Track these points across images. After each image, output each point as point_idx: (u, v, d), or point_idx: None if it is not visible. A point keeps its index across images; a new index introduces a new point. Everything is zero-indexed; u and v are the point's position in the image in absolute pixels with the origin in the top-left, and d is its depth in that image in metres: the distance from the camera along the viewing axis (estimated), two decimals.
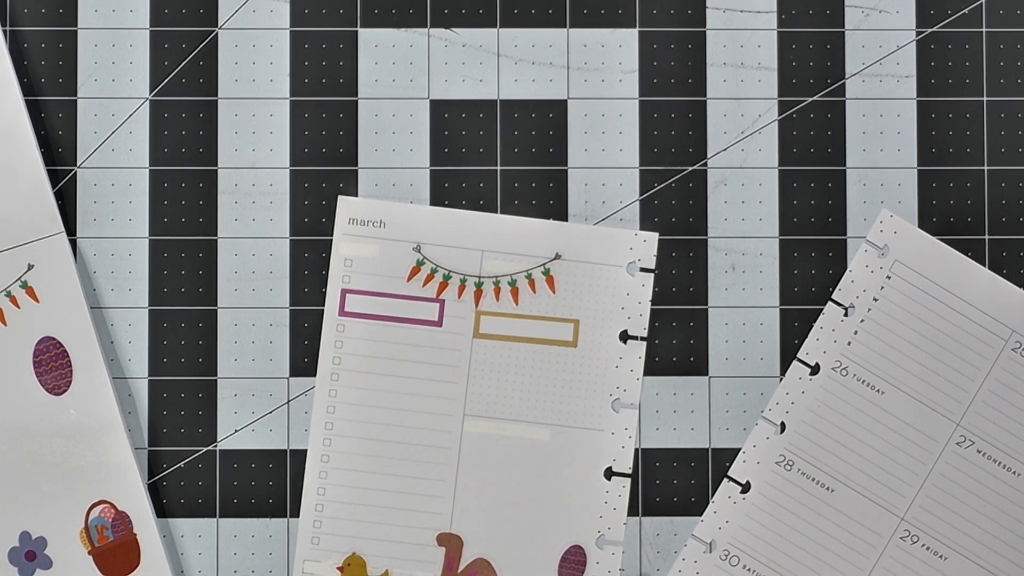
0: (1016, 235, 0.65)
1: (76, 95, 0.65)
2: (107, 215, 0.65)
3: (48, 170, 0.64)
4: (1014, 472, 0.63)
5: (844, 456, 0.63)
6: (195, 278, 0.65)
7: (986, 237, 0.65)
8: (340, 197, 0.64)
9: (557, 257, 0.64)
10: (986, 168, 0.65)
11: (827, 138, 0.65)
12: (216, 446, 0.65)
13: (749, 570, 0.63)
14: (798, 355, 0.64)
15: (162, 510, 0.64)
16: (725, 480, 0.64)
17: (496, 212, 0.65)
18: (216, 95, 0.65)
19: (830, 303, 0.64)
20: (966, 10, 0.65)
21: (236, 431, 0.65)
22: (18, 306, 0.63)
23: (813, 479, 0.63)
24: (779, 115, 0.65)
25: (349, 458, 0.64)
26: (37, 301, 0.63)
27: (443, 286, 0.64)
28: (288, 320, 0.65)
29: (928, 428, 0.63)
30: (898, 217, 0.64)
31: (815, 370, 0.64)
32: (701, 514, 0.64)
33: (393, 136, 0.65)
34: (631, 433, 0.64)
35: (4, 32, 0.65)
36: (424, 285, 0.64)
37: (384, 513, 0.64)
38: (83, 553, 0.63)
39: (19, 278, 0.63)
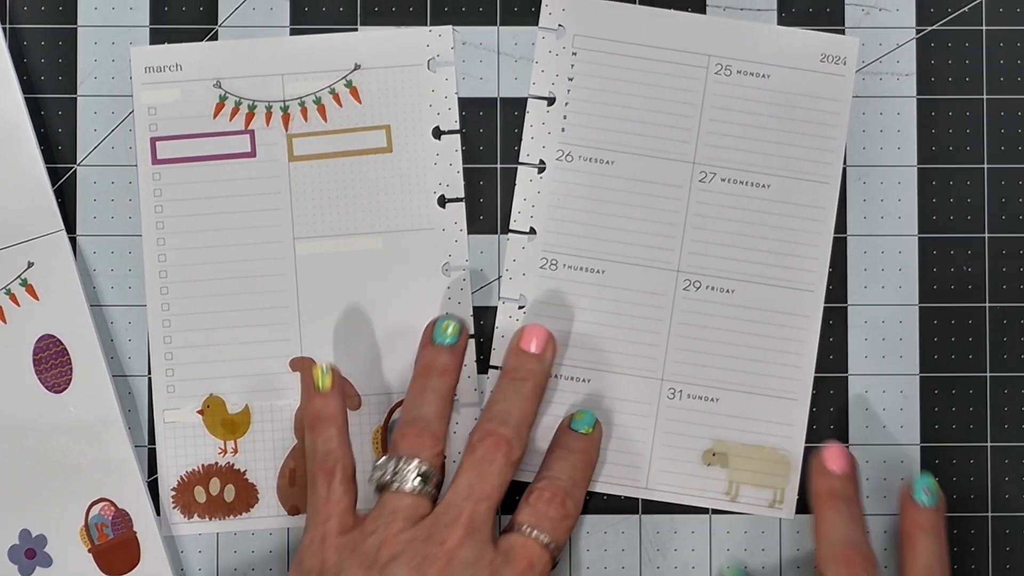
0: (1016, 233, 0.65)
1: (76, 93, 0.65)
2: (107, 213, 0.65)
3: (48, 168, 0.64)
4: (762, 185, 0.63)
5: (600, 235, 0.64)
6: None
7: (986, 235, 0.65)
8: (131, 47, 0.64)
9: (357, 67, 0.64)
10: (986, 166, 0.65)
11: None
12: None
13: (566, 378, 0.64)
14: (520, 159, 0.64)
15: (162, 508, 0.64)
16: (500, 302, 0.64)
17: None
18: None
19: (530, 100, 0.64)
20: (966, 8, 0.65)
21: None
22: (18, 304, 0.63)
23: (581, 268, 0.64)
24: None
25: (189, 302, 0.64)
26: (37, 299, 0.63)
27: (250, 116, 0.64)
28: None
29: (668, 178, 0.64)
30: None
31: (541, 168, 0.64)
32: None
33: None
34: (461, 226, 0.64)
35: (4, 30, 0.64)
36: (231, 119, 0.64)
37: (233, 350, 0.64)
38: (83, 551, 0.63)
39: (19, 276, 0.63)
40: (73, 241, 0.64)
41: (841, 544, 0.58)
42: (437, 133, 0.64)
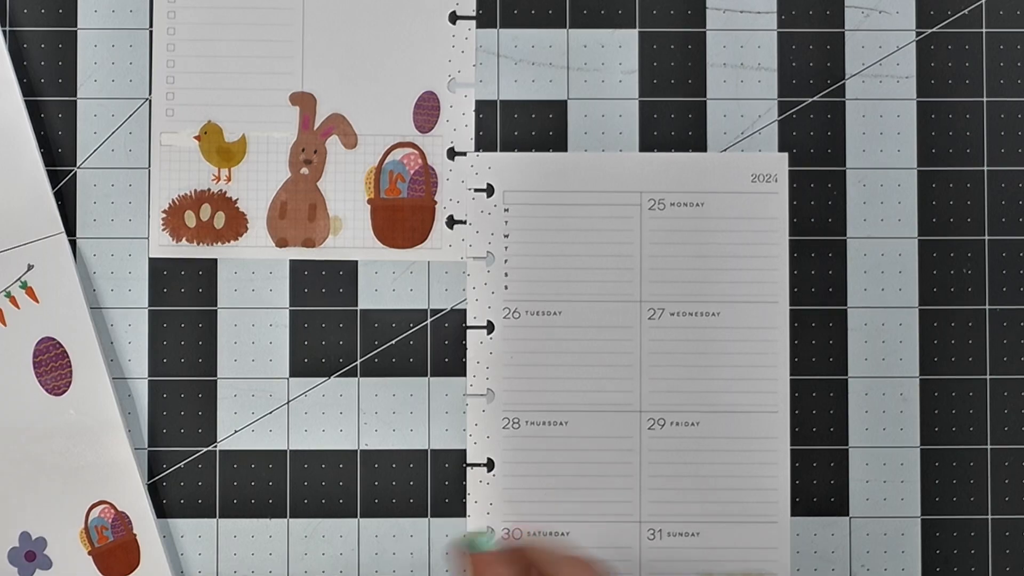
0: (1016, 235, 0.65)
1: (76, 95, 0.65)
2: (107, 215, 0.65)
3: (48, 170, 0.64)
4: (712, 314, 0.63)
5: (559, 387, 0.64)
6: (195, 278, 0.65)
7: (986, 237, 0.65)
8: None
9: None
10: (986, 168, 0.65)
11: (827, 138, 0.65)
12: (216, 446, 0.65)
13: (532, 533, 0.63)
14: (467, 323, 0.64)
15: (162, 510, 0.64)
16: (468, 469, 0.64)
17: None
18: None
19: (470, 261, 0.64)
20: (966, 11, 0.65)
21: (236, 431, 0.65)
22: (18, 306, 0.63)
23: (544, 423, 0.63)
24: (779, 115, 0.65)
25: (196, 28, 0.64)
26: (37, 301, 0.63)
27: None
28: (288, 320, 0.65)
29: (617, 320, 0.64)
30: (484, 153, 0.64)
31: (490, 328, 0.64)
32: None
33: None
34: None
35: (4, 32, 0.65)
36: None
37: (236, 78, 0.64)
38: (83, 553, 0.63)
39: (19, 278, 0.63)
40: (73, 244, 0.64)
41: None
42: None
